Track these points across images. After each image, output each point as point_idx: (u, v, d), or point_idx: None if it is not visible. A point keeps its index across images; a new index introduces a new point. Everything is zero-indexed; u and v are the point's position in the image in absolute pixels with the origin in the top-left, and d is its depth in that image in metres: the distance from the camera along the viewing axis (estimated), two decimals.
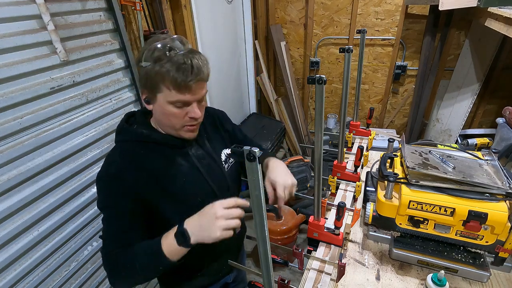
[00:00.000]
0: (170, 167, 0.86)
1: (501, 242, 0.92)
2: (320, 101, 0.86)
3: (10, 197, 1.09)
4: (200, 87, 0.80)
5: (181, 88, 0.77)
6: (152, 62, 0.76)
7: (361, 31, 1.52)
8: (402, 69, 2.91)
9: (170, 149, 0.87)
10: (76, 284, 1.36)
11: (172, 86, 0.77)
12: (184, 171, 0.88)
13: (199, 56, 0.80)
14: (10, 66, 1.04)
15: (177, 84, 0.76)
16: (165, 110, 0.81)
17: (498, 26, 1.65)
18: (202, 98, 0.83)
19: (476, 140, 2.18)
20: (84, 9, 1.30)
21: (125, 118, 0.91)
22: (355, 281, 1.00)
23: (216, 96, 2.57)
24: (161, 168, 0.85)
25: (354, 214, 1.20)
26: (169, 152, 0.87)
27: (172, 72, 0.75)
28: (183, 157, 0.89)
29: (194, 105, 0.81)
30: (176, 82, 0.75)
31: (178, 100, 0.78)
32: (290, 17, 3.07)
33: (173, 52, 0.76)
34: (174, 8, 1.87)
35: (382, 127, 3.28)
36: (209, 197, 0.91)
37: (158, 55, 0.75)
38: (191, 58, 0.77)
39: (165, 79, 0.76)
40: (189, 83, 0.76)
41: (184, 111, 0.81)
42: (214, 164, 0.95)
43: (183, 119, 0.82)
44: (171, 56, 0.75)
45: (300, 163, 2.64)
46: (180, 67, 0.75)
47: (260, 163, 0.54)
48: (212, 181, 0.92)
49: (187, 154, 0.90)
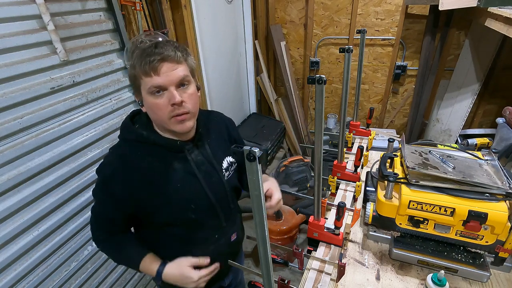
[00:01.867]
0: (166, 170, 0.86)
1: (501, 242, 0.92)
2: (320, 101, 0.86)
3: (10, 197, 1.09)
4: (170, 68, 0.76)
5: (147, 71, 0.75)
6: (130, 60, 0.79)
7: (361, 31, 1.52)
8: (402, 69, 2.91)
9: (169, 152, 0.86)
10: (76, 284, 1.36)
11: (141, 73, 0.76)
12: (180, 176, 0.87)
13: (172, 42, 0.80)
14: (10, 66, 1.05)
15: (143, 68, 0.75)
16: (149, 105, 0.80)
17: (498, 26, 1.65)
18: (179, 82, 0.78)
19: (476, 140, 2.18)
20: (84, 9, 1.30)
21: (130, 115, 0.91)
22: (355, 281, 1.00)
23: (216, 96, 2.57)
24: (157, 171, 0.85)
25: (354, 214, 1.19)
26: (167, 155, 0.86)
27: (139, 60, 0.76)
28: (181, 161, 0.88)
29: (171, 89, 0.77)
30: (141, 66, 0.75)
31: (151, 85, 0.76)
32: (290, 17, 3.07)
33: (143, 44, 0.77)
34: (174, 8, 1.87)
35: (382, 127, 3.28)
36: (204, 204, 0.91)
37: (132, 50, 0.78)
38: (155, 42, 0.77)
39: (136, 69, 0.77)
40: (153, 64, 0.74)
41: (166, 100, 0.78)
42: (213, 171, 0.93)
43: (168, 109, 0.79)
44: (140, 47, 0.77)
45: (300, 163, 2.64)
46: (145, 51, 0.75)
47: (259, 163, 0.54)
48: (209, 188, 0.91)
49: (185, 159, 0.88)
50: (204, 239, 0.96)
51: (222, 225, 0.98)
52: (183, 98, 0.79)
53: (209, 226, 0.96)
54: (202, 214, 0.92)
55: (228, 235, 1.02)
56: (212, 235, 0.98)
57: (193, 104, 0.82)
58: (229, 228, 1.02)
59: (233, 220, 1.04)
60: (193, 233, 0.94)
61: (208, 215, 0.94)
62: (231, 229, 1.03)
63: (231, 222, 1.02)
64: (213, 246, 0.98)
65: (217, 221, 0.97)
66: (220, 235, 0.99)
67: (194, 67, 0.85)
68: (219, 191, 0.94)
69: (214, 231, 0.98)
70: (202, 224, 0.94)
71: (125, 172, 0.83)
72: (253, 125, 3.09)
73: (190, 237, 0.94)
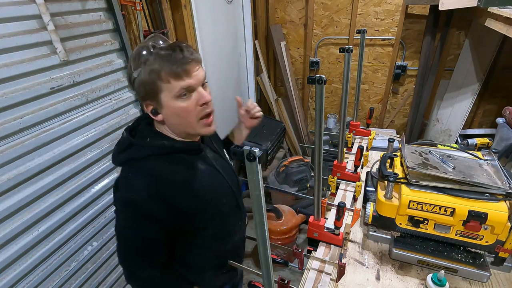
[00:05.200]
0: (195, 174, 0.84)
1: (501, 242, 0.92)
2: (320, 101, 0.86)
3: (10, 197, 1.08)
4: (196, 68, 0.77)
5: (178, 74, 0.74)
6: (142, 67, 0.75)
7: (361, 31, 1.52)
8: (402, 69, 2.91)
9: (189, 156, 0.85)
10: (76, 284, 1.36)
11: (170, 77, 0.74)
12: (207, 174, 0.87)
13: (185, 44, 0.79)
14: (10, 66, 1.04)
15: (173, 71, 0.74)
16: (175, 110, 0.77)
17: (498, 26, 1.64)
18: (204, 81, 0.80)
19: (476, 140, 2.18)
20: (84, 9, 1.30)
21: (127, 133, 0.84)
22: (355, 281, 1.00)
23: (216, 96, 2.56)
24: (187, 177, 0.83)
25: (354, 214, 1.20)
26: (189, 159, 0.85)
27: (164, 64, 0.74)
28: (202, 161, 0.88)
29: (200, 89, 0.78)
30: (172, 70, 0.74)
31: (181, 88, 0.75)
32: (290, 17, 3.07)
33: (157, 49, 0.75)
34: (174, 8, 1.87)
35: (382, 127, 3.28)
36: (230, 196, 0.95)
37: (144, 57, 0.74)
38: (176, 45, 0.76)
39: (161, 74, 0.74)
40: (184, 66, 0.74)
41: (193, 101, 0.78)
42: (225, 163, 0.96)
43: (196, 111, 0.79)
44: (156, 52, 0.75)
45: (300, 163, 2.64)
46: (170, 56, 0.74)
47: (259, 163, 0.54)
48: (228, 179, 0.94)
49: (204, 157, 0.89)
50: (232, 229, 1.00)
51: (242, 211, 1.03)
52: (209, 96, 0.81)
53: (234, 215, 0.99)
54: (230, 206, 0.95)
55: (243, 219, 1.07)
56: (236, 223, 1.01)
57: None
58: (243, 211, 1.06)
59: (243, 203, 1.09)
60: (224, 226, 0.96)
61: (234, 206, 0.97)
62: (244, 214, 1.08)
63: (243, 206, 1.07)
64: (238, 235, 1.02)
65: (238, 209, 1.00)
66: (241, 222, 1.04)
67: None
68: (234, 179, 0.98)
69: (237, 218, 1.02)
70: (230, 215, 0.96)
71: (161, 189, 0.78)
72: None
73: (220, 233, 0.95)
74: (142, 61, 0.75)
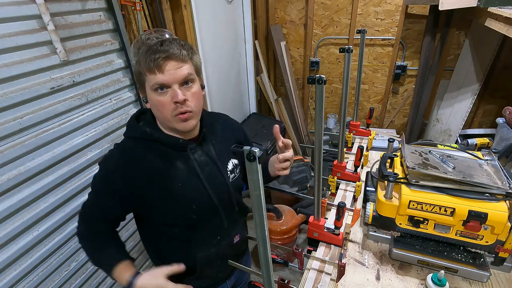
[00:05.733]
0: (168, 168, 0.86)
1: (501, 242, 0.92)
2: (320, 101, 0.86)
3: (10, 197, 1.08)
4: (175, 66, 0.77)
5: (151, 68, 0.76)
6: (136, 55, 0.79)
7: (361, 31, 1.52)
8: (402, 69, 2.91)
9: (172, 151, 0.86)
10: (76, 284, 1.36)
11: (145, 70, 0.77)
12: (182, 175, 0.87)
13: (178, 40, 0.80)
14: (10, 66, 1.04)
15: (147, 65, 0.76)
16: (153, 102, 0.80)
17: (498, 26, 1.65)
18: (182, 80, 0.79)
19: (476, 140, 2.18)
20: (84, 9, 1.30)
21: (136, 113, 0.92)
22: (355, 281, 1.00)
23: (216, 96, 2.57)
24: (159, 168, 0.85)
25: (354, 214, 1.20)
26: (170, 154, 0.86)
27: (143, 57, 0.76)
28: (183, 160, 0.87)
29: (174, 87, 0.78)
30: (146, 63, 0.76)
31: (155, 83, 0.77)
32: (290, 17, 3.07)
33: (150, 41, 0.78)
34: (174, 8, 1.87)
35: (382, 127, 3.28)
36: (206, 205, 0.91)
37: (138, 46, 0.79)
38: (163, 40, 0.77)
39: (141, 64, 0.77)
40: (157, 61, 0.75)
41: (168, 98, 0.78)
42: (216, 172, 0.92)
43: (171, 107, 0.79)
44: (146, 43, 0.77)
45: (300, 163, 2.64)
46: (150, 48, 0.76)
47: (260, 163, 0.54)
48: (212, 188, 0.90)
49: (188, 158, 0.88)
50: (206, 240, 0.96)
51: (224, 227, 0.97)
52: (186, 97, 0.79)
53: (210, 227, 0.95)
54: (203, 215, 0.91)
55: (230, 237, 1.01)
56: (214, 236, 0.97)
57: (196, 102, 0.82)
58: (232, 229, 1.01)
59: (237, 221, 1.03)
60: (194, 233, 0.93)
61: (210, 216, 0.93)
62: (234, 231, 1.02)
63: (234, 224, 1.02)
64: (214, 248, 0.97)
65: (219, 222, 0.96)
66: (222, 237, 0.98)
67: (199, 65, 0.85)
68: (223, 192, 0.93)
69: (216, 232, 0.97)
70: (204, 224, 0.93)
71: (128, 168, 0.83)
72: (253, 125, 3.09)
73: (191, 238, 0.93)
74: (136, 51, 0.78)
